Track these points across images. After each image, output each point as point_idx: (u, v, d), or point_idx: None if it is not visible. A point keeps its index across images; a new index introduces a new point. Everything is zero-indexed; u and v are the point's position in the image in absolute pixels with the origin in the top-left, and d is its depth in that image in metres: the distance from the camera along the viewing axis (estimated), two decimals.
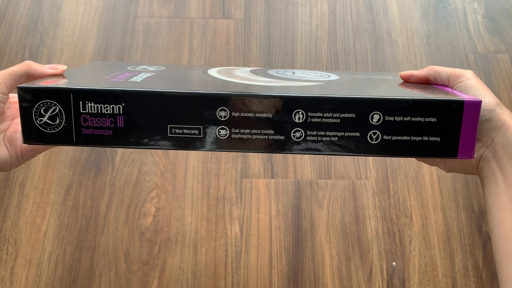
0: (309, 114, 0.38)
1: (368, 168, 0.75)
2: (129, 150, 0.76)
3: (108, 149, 0.75)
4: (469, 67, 0.85)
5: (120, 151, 0.75)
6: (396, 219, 0.71)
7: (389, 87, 0.43)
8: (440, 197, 0.73)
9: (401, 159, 0.76)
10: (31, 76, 0.45)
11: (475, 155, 0.35)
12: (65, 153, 0.75)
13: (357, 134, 0.37)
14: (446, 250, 0.69)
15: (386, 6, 0.92)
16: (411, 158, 0.76)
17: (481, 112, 0.35)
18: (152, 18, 0.89)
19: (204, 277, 0.66)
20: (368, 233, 0.70)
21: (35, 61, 0.83)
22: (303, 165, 0.75)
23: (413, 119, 0.36)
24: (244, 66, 0.78)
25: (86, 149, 0.75)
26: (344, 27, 0.89)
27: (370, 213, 0.71)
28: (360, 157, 0.76)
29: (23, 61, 0.88)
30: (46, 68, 0.45)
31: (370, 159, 0.76)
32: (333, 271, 0.67)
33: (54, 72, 0.45)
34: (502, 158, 0.34)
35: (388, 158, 0.76)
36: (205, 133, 0.39)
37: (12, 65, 0.84)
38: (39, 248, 0.68)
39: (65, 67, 0.46)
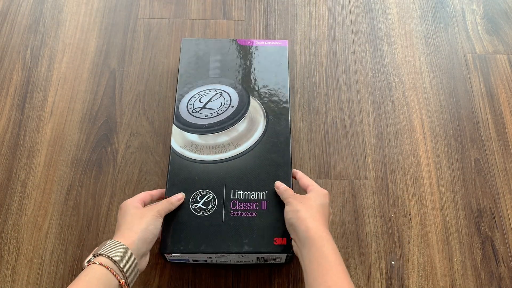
0: None
1: (367, 168, 0.76)
2: (130, 149, 0.76)
3: (109, 148, 0.76)
4: (467, 68, 0.86)
5: (121, 150, 0.76)
6: (395, 219, 0.72)
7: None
8: (439, 197, 0.74)
9: (400, 158, 0.77)
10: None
11: (294, 247, 0.56)
12: (67, 153, 0.75)
13: None
14: (445, 249, 0.70)
15: (385, 7, 0.93)
16: (410, 158, 0.77)
17: (289, 219, 0.56)
18: (153, 19, 0.89)
19: (205, 274, 0.66)
20: (367, 232, 0.70)
21: (36, 62, 0.83)
22: (303, 165, 0.76)
23: None
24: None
25: (88, 149, 0.76)
26: (344, 28, 0.90)
27: (369, 212, 0.72)
28: (359, 157, 0.77)
29: (25, 62, 0.89)
30: (176, 201, 0.61)
31: (369, 159, 0.77)
32: None
33: (180, 203, 0.62)
34: (300, 246, 0.53)
35: (388, 158, 0.77)
36: None
37: (14, 65, 0.85)
38: (41, 248, 0.68)
39: (183, 195, 0.63)
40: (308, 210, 0.55)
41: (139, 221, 0.54)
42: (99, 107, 0.80)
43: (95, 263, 0.48)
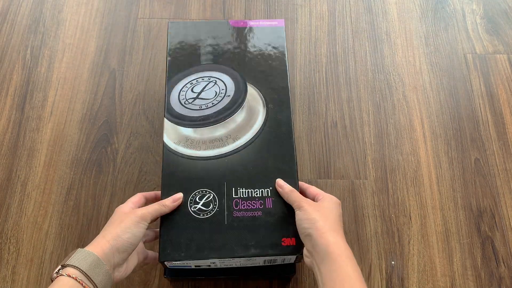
0: None
1: (367, 168, 0.76)
2: (130, 149, 0.76)
3: (109, 148, 0.76)
4: (467, 68, 0.86)
5: (121, 150, 0.76)
6: (395, 219, 0.72)
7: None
8: (439, 197, 0.74)
9: (400, 158, 0.77)
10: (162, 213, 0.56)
11: (308, 260, 0.52)
12: (66, 153, 0.75)
13: None
14: (445, 249, 0.70)
15: (385, 7, 0.93)
16: (410, 158, 0.77)
17: (305, 229, 0.51)
18: (153, 19, 0.89)
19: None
20: (367, 232, 0.70)
21: (36, 62, 0.83)
22: (303, 165, 0.76)
23: None
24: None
25: (88, 149, 0.76)
26: (344, 28, 0.90)
27: (369, 212, 0.72)
28: (359, 157, 0.77)
29: (25, 62, 0.89)
30: (172, 203, 0.56)
31: (369, 159, 0.77)
32: None
33: (177, 204, 0.56)
34: (318, 260, 0.49)
35: (388, 158, 0.77)
36: None
37: (14, 65, 0.85)
38: (41, 247, 0.68)
39: (181, 196, 0.57)
40: (326, 221, 0.51)
41: (115, 228, 0.51)
42: (99, 107, 0.80)
43: (63, 275, 0.46)
